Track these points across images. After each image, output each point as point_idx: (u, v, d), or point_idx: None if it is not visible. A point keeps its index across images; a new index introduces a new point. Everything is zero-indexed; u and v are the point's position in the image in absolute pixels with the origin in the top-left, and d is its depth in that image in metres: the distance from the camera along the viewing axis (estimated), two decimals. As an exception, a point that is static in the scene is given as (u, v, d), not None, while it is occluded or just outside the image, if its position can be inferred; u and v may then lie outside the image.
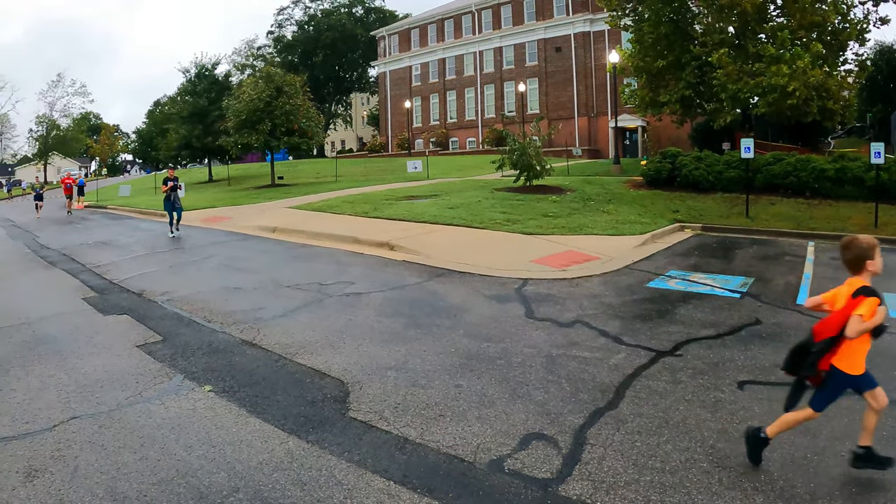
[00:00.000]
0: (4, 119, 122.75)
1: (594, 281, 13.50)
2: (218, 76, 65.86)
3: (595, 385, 7.68)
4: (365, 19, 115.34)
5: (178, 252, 19.89)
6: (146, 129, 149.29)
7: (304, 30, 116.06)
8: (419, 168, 45.75)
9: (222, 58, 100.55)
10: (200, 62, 64.60)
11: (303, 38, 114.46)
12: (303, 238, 20.78)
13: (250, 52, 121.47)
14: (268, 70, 49.42)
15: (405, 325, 10.39)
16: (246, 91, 47.50)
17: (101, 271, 17.15)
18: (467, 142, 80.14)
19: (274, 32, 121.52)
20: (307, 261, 16.97)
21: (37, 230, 32.04)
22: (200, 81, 64.01)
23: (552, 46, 72.17)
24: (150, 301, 13.07)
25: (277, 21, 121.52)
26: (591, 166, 46.93)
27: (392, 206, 25.18)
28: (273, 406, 7.35)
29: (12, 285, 16.52)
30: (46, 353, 9.79)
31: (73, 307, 13.06)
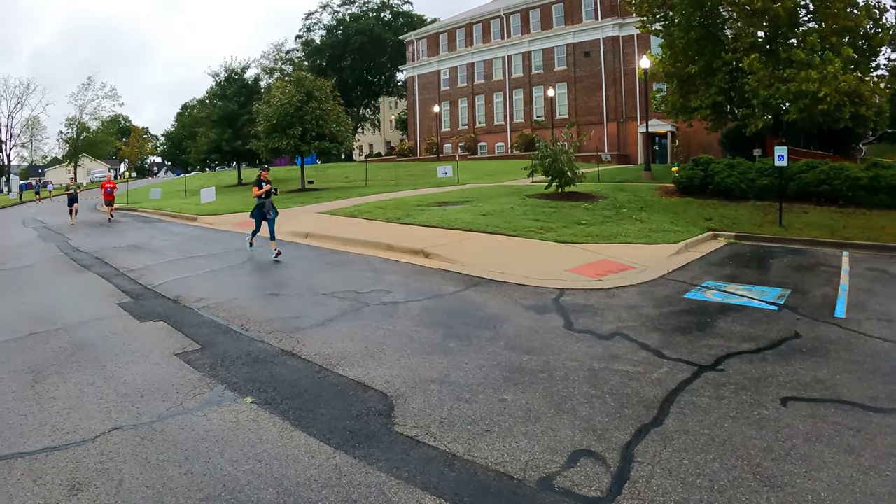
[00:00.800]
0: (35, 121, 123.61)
1: (631, 291, 13.37)
2: (247, 80, 66.29)
3: (639, 400, 7.57)
4: (393, 23, 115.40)
5: (212, 258, 19.84)
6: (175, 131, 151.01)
7: (333, 34, 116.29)
8: (449, 173, 45.62)
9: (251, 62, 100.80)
10: (230, 66, 65.26)
11: (331, 42, 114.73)
12: (336, 244, 20.78)
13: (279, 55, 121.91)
14: (298, 75, 49.47)
15: (445, 335, 10.30)
16: (276, 95, 47.62)
17: (136, 276, 17.19)
18: (496, 146, 79.96)
19: (303, 36, 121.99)
20: (342, 268, 16.89)
21: (68, 232, 32.24)
22: (230, 85, 64.40)
23: (581, 51, 71.83)
24: (187, 308, 13.06)
25: (306, 25, 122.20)
26: (622, 172, 46.67)
27: (424, 213, 25.16)
28: (318, 419, 7.27)
29: (47, 289, 16.56)
30: (84, 360, 9.79)
31: (109, 312, 13.06)
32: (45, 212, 54.95)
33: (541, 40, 75.63)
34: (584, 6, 71.53)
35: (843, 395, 7.63)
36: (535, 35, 76.19)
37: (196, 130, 70.68)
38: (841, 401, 7.45)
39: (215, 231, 27.16)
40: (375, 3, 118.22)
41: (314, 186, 49.79)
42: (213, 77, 65.73)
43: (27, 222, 43.97)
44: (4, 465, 6.52)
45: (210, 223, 30.58)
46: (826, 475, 5.81)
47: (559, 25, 73.91)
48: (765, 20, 31.84)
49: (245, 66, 66.45)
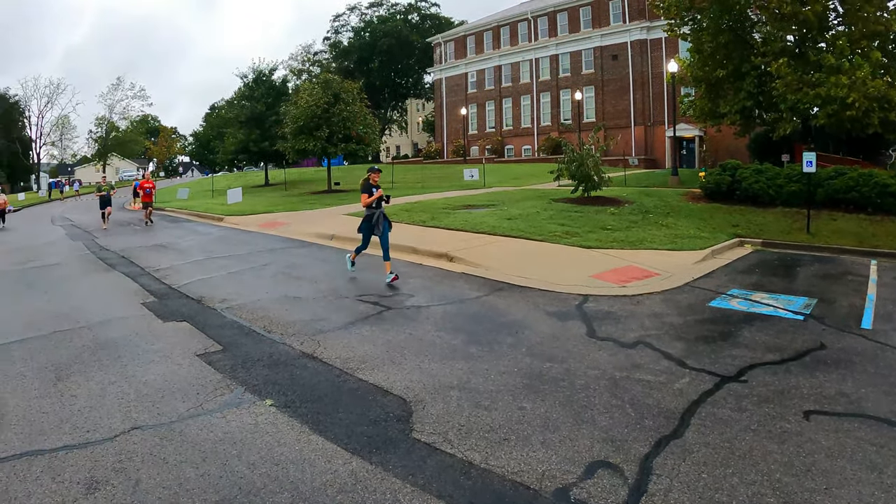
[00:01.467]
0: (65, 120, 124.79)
1: (655, 299, 13.26)
2: (275, 82, 66.66)
3: (660, 411, 7.49)
4: (421, 26, 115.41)
5: (237, 258, 19.92)
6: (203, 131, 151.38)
7: (361, 36, 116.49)
8: (476, 176, 45.62)
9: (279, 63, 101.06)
10: (258, 67, 65.60)
11: (359, 44, 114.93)
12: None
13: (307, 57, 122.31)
14: (325, 77, 49.62)
15: (466, 341, 10.26)
16: (303, 97, 47.78)
17: (161, 275, 17.30)
18: (523, 150, 79.83)
19: (330, 38, 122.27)
20: (366, 271, 16.81)
21: (96, 231, 32.47)
22: (258, 87, 64.76)
23: (608, 54, 71.56)
24: (210, 308, 13.12)
25: (334, 27, 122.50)
26: (649, 177, 46.42)
27: (450, 216, 25.15)
28: (336, 424, 7.26)
29: (73, 287, 16.70)
30: (107, 359, 9.86)
31: (133, 312, 13.14)
32: (74, 210, 55.54)
33: (568, 43, 75.42)
34: (611, 9, 71.28)
35: (867, 409, 7.51)
36: (563, 38, 75.98)
37: (224, 131, 71.09)
38: (865, 415, 7.33)
39: (241, 232, 27.32)
40: (403, 5, 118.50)
41: (341, 188, 49.87)
42: (242, 78, 66.36)
43: (55, 220, 44.51)
44: (24, 462, 6.57)
45: (236, 224, 30.78)
46: (847, 493, 5.72)
47: (587, 28, 73.66)
48: (794, 24, 31.56)
49: (273, 68, 66.88)
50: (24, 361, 9.96)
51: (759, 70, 33.26)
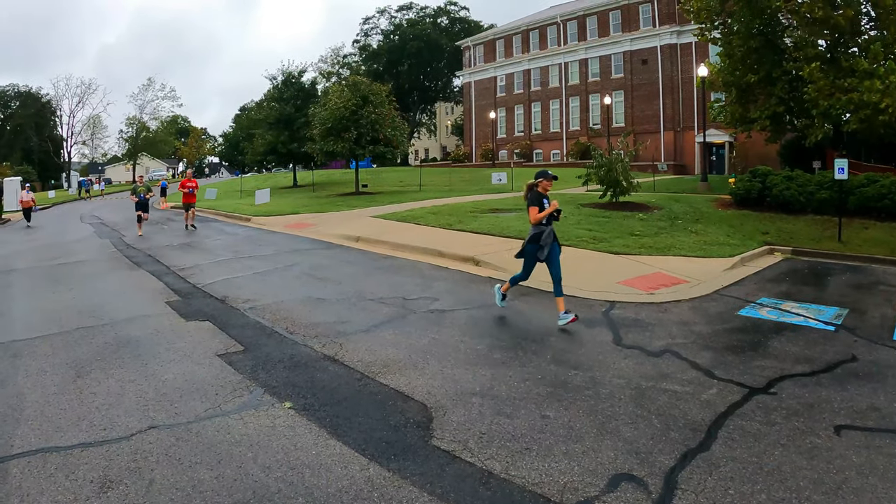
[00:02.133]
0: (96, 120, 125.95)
1: (683, 307, 13.04)
2: (304, 83, 66.83)
3: (686, 423, 7.29)
4: (450, 29, 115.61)
5: (263, 259, 19.88)
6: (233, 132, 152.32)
7: (390, 39, 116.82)
8: (504, 180, 45.47)
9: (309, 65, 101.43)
10: (287, 70, 65.92)
11: (388, 47, 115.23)
12: (386, 249, 20.73)
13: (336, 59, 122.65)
14: (354, 79, 49.54)
15: (490, 346, 10.11)
16: (332, 99, 47.84)
17: (186, 275, 17.32)
18: (551, 154, 79.52)
19: (360, 41, 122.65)
20: (391, 273, 16.80)
21: (123, 229, 32.62)
22: (287, 89, 65.00)
23: (638, 59, 71.12)
24: (233, 308, 13.08)
25: (363, 30, 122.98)
26: (678, 183, 46.06)
27: (477, 220, 24.98)
28: (354, 428, 7.14)
29: (98, 284, 16.78)
30: (128, 356, 9.85)
31: (156, 310, 13.16)
32: (102, 208, 55.90)
33: (598, 47, 75.08)
34: (641, 13, 70.86)
35: (900, 424, 7.30)
36: (592, 42, 75.65)
37: (253, 132, 71.34)
38: (897, 431, 7.12)
39: (268, 232, 27.35)
40: (432, 8, 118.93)
41: (368, 190, 49.92)
42: (271, 80, 66.78)
43: (84, 218, 44.80)
44: (40, 458, 6.54)
45: (263, 224, 30.83)
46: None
47: (616, 32, 73.26)
48: (825, 28, 31.17)
49: (302, 70, 66.99)
50: (46, 357, 9.99)
51: (790, 75, 32.84)
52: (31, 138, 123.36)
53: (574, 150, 74.08)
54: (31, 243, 29.72)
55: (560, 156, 77.80)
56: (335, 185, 62.20)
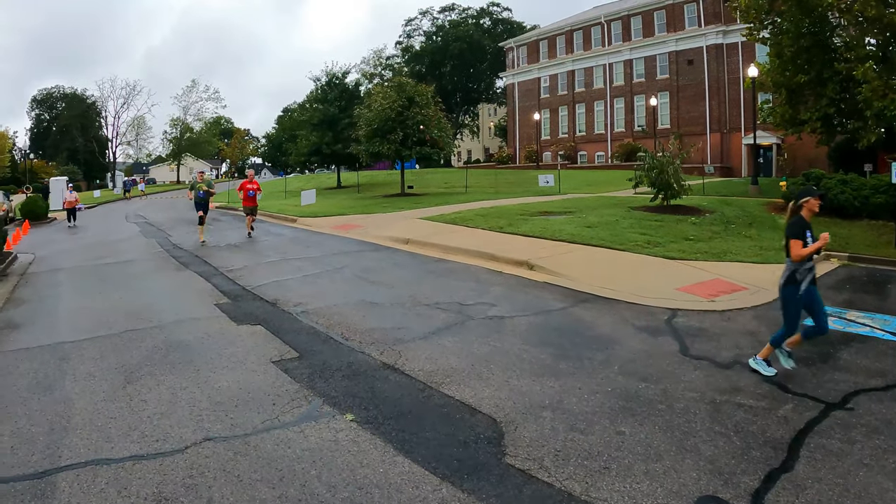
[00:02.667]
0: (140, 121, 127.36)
1: (746, 315, 12.50)
2: (348, 85, 66.84)
3: (766, 440, 6.87)
4: (492, 30, 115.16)
5: (312, 261, 19.55)
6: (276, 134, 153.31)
7: (433, 40, 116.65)
8: (551, 182, 44.94)
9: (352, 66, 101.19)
10: (331, 71, 65.85)
11: (431, 48, 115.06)
12: (437, 252, 20.31)
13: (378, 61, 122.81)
14: (399, 80, 49.33)
15: (554, 356, 9.67)
16: (377, 100, 47.59)
17: (234, 276, 17.10)
18: (596, 156, 78.76)
19: (402, 42, 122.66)
20: (444, 277, 16.40)
21: (169, 229, 32.68)
22: (331, 90, 64.95)
23: (684, 59, 70.11)
24: (285, 312, 12.78)
25: (406, 31, 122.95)
26: (727, 186, 45.31)
27: (527, 222, 24.45)
28: (422, 444, 6.77)
29: (145, 285, 16.63)
30: (178, 362, 9.60)
31: (206, 313, 12.94)
32: (147, 208, 56.20)
33: (642, 48, 74.19)
34: (686, 13, 69.86)
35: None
36: (637, 42, 74.81)
37: (298, 133, 71.50)
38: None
39: (314, 233, 27.16)
40: (475, 9, 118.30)
41: (414, 192, 49.57)
42: (315, 81, 66.78)
43: (129, 217, 44.99)
44: (90, 471, 6.28)
45: (309, 225, 30.59)
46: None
47: (661, 33, 72.30)
48: (877, 27, 30.39)
49: (346, 71, 66.97)
50: (94, 361, 9.78)
51: (841, 75, 32.09)
52: (77, 139, 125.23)
53: (619, 151, 73.34)
54: (77, 242, 29.84)
55: (605, 158, 77.02)
56: (380, 186, 62.05)
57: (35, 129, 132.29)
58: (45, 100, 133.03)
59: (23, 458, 6.62)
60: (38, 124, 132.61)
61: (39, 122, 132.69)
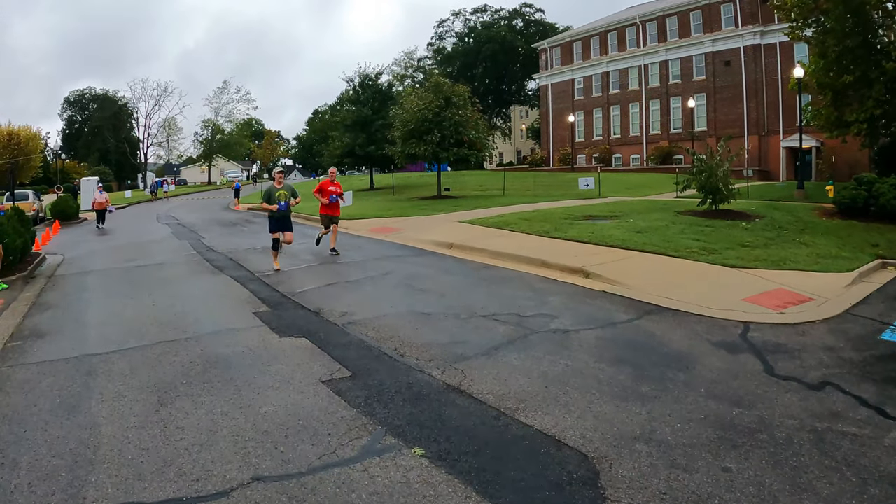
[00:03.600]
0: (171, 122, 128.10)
1: (820, 329, 11.43)
2: (381, 86, 66.44)
3: (881, 475, 5.97)
4: (525, 32, 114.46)
5: (353, 266, 18.69)
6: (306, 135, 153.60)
7: (465, 42, 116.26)
8: (591, 185, 43.91)
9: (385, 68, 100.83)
10: (364, 72, 65.42)
11: (463, 50, 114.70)
12: (484, 257, 19.31)
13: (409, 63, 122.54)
14: (436, 80, 48.52)
15: (633, 376, 8.71)
16: (412, 100, 46.97)
17: (272, 282, 16.29)
18: (631, 159, 77.79)
19: (434, 44, 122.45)
20: (496, 285, 15.34)
21: (202, 230, 32.03)
22: (364, 91, 64.55)
23: (720, 60, 69.02)
24: (330, 323, 11.87)
25: (438, 33, 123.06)
26: (769, 189, 44.25)
27: (574, 227, 23.42)
28: (507, 486, 5.81)
29: (178, 290, 15.88)
30: (217, 380, 8.74)
31: (245, 323, 12.09)
32: (179, 209, 55.87)
33: (678, 49, 73.35)
34: (723, 13, 68.90)
35: None
36: (673, 43, 73.95)
37: (331, 134, 71.32)
38: None
39: (352, 236, 26.32)
40: (507, 11, 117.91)
41: (451, 194, 48.77)
42: (348, 82, 66.34)
43: (161, 218, 44.61)
44: (120, 519, 5.33)
45: (346, 228, 29.32)
46: None
47: (697, 33, 71.42)
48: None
49: (379, 72, 66.61)
50: (124, 378, 8.96)
51: (887, 76, 31.01)
52: (109, 139, 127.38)
53: (654, 154, 72.49)
54: (107, 244, 29.27)
55: (640, 160, 76.10)
56: (414, 188, 61.31)
57: (67, 130, 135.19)
58: (76, 101, 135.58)
59: (41, 498, 5.75)
60: (69, 125, 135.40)
61: (71, 124, 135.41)
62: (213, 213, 47.67)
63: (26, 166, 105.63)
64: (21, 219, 23.18)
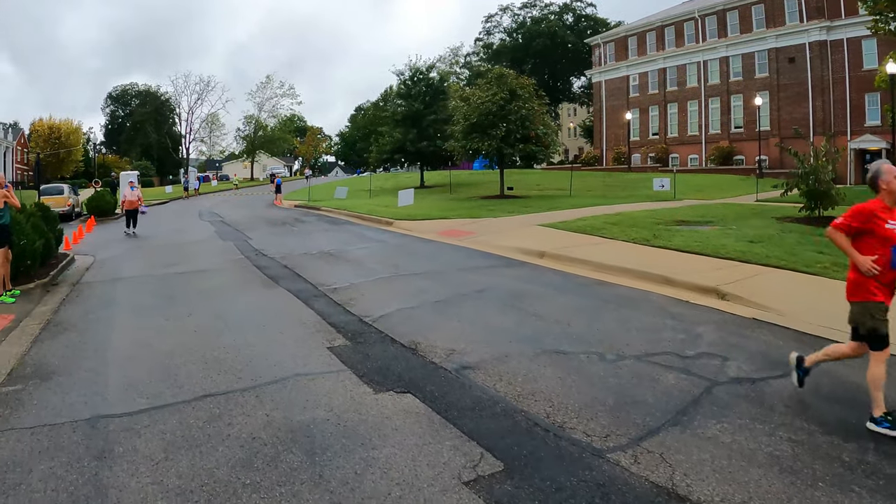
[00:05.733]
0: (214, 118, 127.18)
1: None
2: (433, 79, 64.51)
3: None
4: (574, 27, 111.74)
5: (435, 279, 15.58)
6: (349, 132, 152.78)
7: (513, 37, 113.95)
8: (666, 186, 40.90)
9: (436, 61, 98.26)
10: (415, 65, 63.63)
11: (512, 45, 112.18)
12: (588, 270, 16.16)
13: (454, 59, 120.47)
14: (499, 71, 45.89)
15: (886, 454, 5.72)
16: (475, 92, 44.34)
17: (342, 299, 13.26)
18: (689, 159, 74.53)
19: (482, 39, 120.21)
20: (624, 308, 12.08)
21: (248, 230, 29.56)
22: (415, 85, 62.53)
23: (784, 57, 65.88)
24: (438, 367, 8.67)
25: (485, 28, 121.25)
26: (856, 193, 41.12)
27: (674, 234, 20.31)
28: None
29: (225, 309, 12.92)
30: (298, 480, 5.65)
31: (319, 363, 8.99)
32: (222, 205, 53.84)
33: (739, 45, 70.47)
34: (787, 7, 65.84)
35: None
36: (734, 39, 71.00)
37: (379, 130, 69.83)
38: None
39: (420, 240, 23.37)
40: (557, 5, 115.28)
41: (513, 193, 45.68)
42: (398, 75, 64.82)
43: (203, 215, 42.52)
44: None
45: (409, 230, 26.91)
46: None
47: (759, 28, 68.44)
48: None
49: (430, 65, 64.79)
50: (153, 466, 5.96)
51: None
52: (150, 134, 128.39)
53: (714, 154, 69.49)
54: (143, 243, 26.83)
55: (699, 161, 72.98)
56: (470, 186, 58.73)
57: (109, 125, 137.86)
58: (119, 97, 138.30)
59: None
60: (112, 120, 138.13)
61: (114, 119, 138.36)
62: (258, 211, 45.40)
63: (67, 160, 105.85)
64: (46, 216, 20.81)
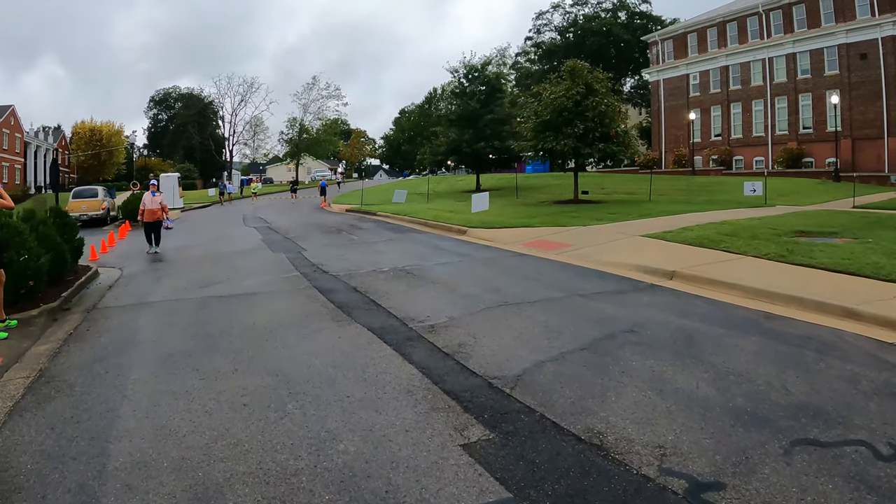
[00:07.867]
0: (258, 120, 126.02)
1: None
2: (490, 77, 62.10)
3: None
4: (628, 25, 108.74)
5: (560, 310, 12.01)
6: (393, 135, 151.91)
7: (565, 36, 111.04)
8: (758, 191, 37.75)
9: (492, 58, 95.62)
10: (469, 62, 61.59)
11: (564, 44, 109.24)
12: (738, 297, 12.87)
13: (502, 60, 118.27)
14: (572, 64, 42.75)
15: None
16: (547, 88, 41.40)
17: (447, 345, 9.66)
18: (754, 161, 71.06)
19: (533, 38, 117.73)
20: (827, 357, 8.61)
21: (300, 239, 26.48)
22: (471, 83, 60.50)
23: (855, 53, 62.34)
24: (662, 490, 5.39)
25: (536, 26, 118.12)
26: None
27: (810, 249, 16.70)
28: None
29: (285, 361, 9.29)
30: None
31: (456, 480, 5.58)
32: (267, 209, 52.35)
33: (807, 40, 66.84)
34: (857, 1, 62.45)
35: None
36: (801, 34, 67.38)
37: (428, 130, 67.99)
38: None
39: (508, 254, 20.00)
40: (610, 2, 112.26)
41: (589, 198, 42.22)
42: (452, 73, 62.78)
43: (247, 220, 40.07)
44: None
45: (489, 240, 23.57)
46: None
47: (828, 23, 64.77)
48: None
49: (486, 62, 62.21)
50: None
51: None
52: (193, 137, 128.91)
53: (782, 157, 66.13)
54: (180, 254, 23.96)
55: (765, 163, 69.54)
56: (536, 190, 55.39)
57: (152, 128, 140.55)
58: (162, 100, 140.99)
59: None
60: (154, 123, 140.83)
61: (156, 122, 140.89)
62: (307, 216, 42.83)
63: (108, 162, 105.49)
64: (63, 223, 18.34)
